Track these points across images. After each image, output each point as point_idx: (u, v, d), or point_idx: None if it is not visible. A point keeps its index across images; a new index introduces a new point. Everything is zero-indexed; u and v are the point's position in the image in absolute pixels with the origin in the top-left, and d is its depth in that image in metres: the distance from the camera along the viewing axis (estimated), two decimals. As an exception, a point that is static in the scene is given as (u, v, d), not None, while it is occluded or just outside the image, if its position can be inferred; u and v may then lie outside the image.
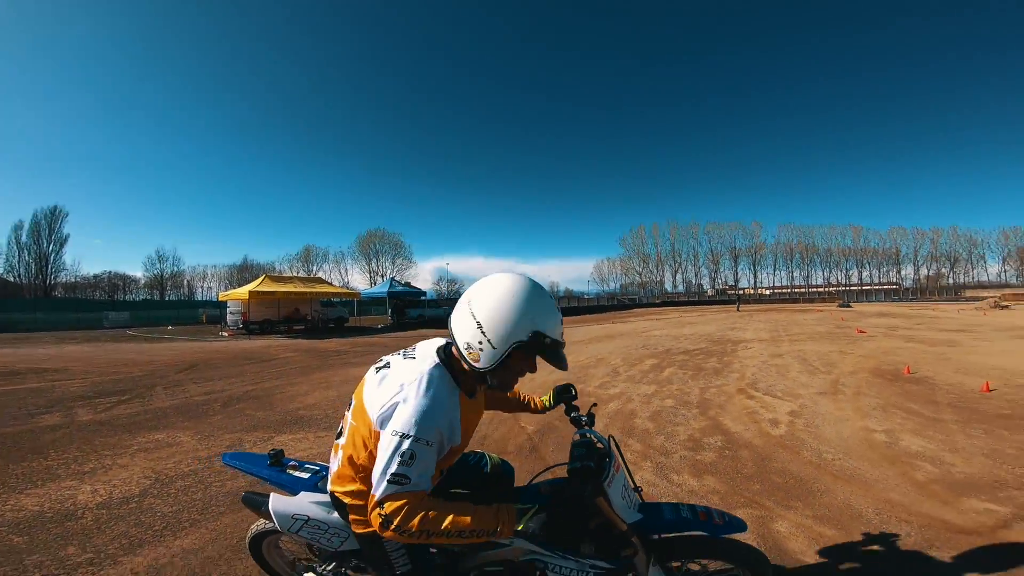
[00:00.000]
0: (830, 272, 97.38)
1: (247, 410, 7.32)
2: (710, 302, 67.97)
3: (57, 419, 6.52)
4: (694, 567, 2.49)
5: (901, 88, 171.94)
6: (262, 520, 2.50)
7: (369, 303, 40.79)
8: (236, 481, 4.39)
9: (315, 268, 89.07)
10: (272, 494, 2.28)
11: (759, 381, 9.52)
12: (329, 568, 2.49)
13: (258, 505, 2.32)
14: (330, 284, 35.59)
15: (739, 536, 2.25)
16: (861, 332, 19.04)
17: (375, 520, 1.53)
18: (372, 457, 1.65)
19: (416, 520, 1.49)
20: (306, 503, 2.20)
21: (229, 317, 26.77)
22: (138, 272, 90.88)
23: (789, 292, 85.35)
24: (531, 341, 1.56)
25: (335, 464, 1.96)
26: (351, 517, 1.91)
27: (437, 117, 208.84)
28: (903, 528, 3.48)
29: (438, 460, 1.64)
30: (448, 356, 1.75)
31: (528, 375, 1.76)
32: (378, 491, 1.51)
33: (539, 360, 1.72)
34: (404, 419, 1.53)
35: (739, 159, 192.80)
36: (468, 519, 1.54)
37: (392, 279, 38.20)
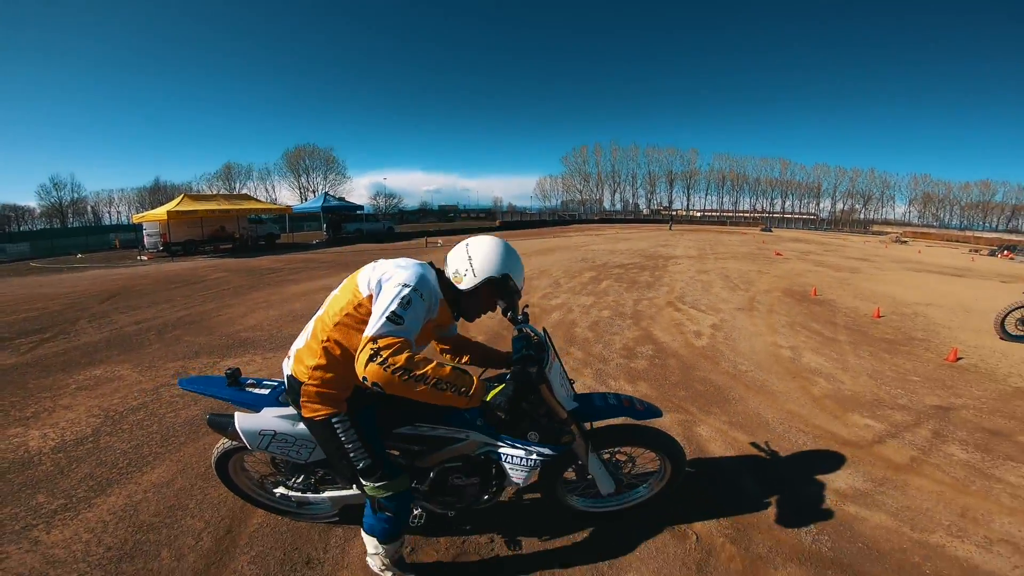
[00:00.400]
0: (757, 200, 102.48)
1: (185, 337, 6.95)
2: (645, 221, 69.75)
3: None
4: (622, 457, 2.84)
5: (840, 37, 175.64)
6: (223, 441, 2.52)
7: (302, 219, 38.88)
8: (189, 409, 4.31)
9: (239, 186, 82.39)
10: (237, 413, 2.30)
11: (686, 295, 10.18)
12: (298, 481, 2.57)
13: (224, 426, 2.34)
14: (258, 200, 32.82)
15: (657, 424, 2.52)
16: (778, 255, 20.43)
17: (363, 356, 1.67)
18: (348, 324, 1.91)
19: (402, 357, 1.67)
20: (271, 418, 2.25)
21: (147, 240, 24.41)
22: (31, 202, 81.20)
23: (718, 215, 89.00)
24: (500, 279, 2.03)
25: (300, 341, 2.09)
26: (302, 401, 1.99)
27: (372, 29, 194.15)
28: (800, 438, 4.00)
29: (420, 329, 1.87)
30: (439, 272, 2.12)
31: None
32: (373, 329, 1.72)
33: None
34: (404, 276, 1.84)
35: (682, 88, 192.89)
36: (448, 370, 1.77)
37: (326, 194, 35.67)
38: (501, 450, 2.31)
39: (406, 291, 1.79)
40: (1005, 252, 31.19)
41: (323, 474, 2.58)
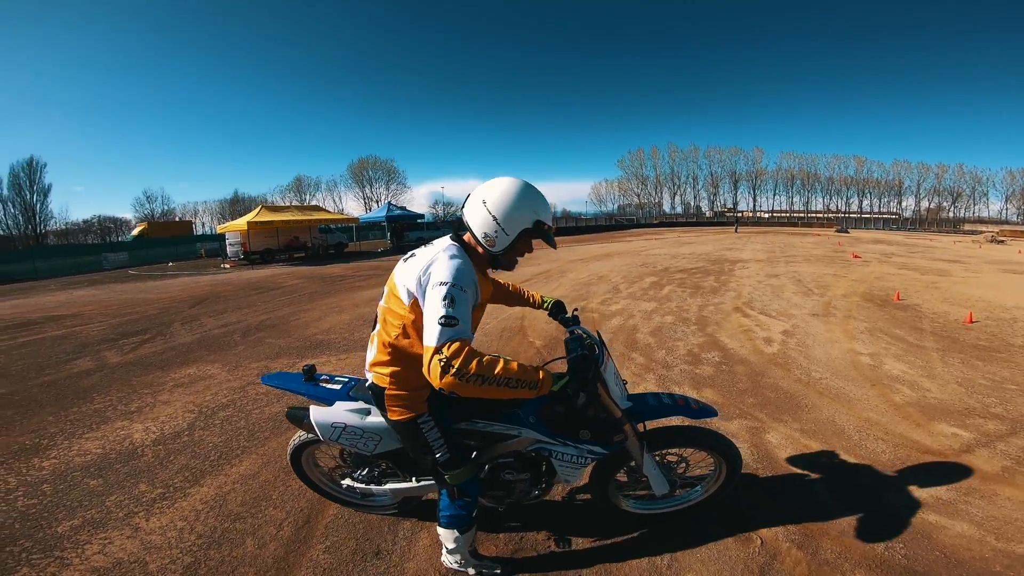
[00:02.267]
0: (830, 199, 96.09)
1: (266, 339, 7.42)
2: (708, 224, 67.33)
3: (89, 364, 6.42)
4: (672, 458, 2.78)
5: (914, 24, 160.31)
6: (298, 435, 2.73)
7: (367, 228, 40.20)
8: (272, 406, 4.62)
9: (308, 197, 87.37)
10: (312, 407, 2.47)
11: (755, 300, 9.75)
12: (363, 473, 2.73)
13: (300, 419, 2.54)
14: (327, 211, 34.57)
15: (711, 423, 2.46)
16: (856, 257, 19.10)
17: (435, 369, 1.66)
18: (404, 333, 1.97)
19: (473, 364, 1.67)
20: (342, 411, 2.41)
21: (229, 249, 25.99)
22: (127, 214, 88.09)
23: (788, 216, 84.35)
24: (534, 227, 1.96)
25: (371, 354, 2.17)
26: (388, 405, 2.10)
27: (429, 41, 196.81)
28: (879, 445, 3.76)
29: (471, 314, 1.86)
30: (461, 242, 2.05)
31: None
32: (432, 339, 1.69)
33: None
34: (440, 273, 1.79)
35: (742, 88, 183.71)
36: (515, 366, 1.77)
37: (389, 203, 37.49)
38: (553, 447, 2.35)
39: (446, 290, 1.74)
40: (1122, 250, 27.66)
41: (385, 467, 2.72)
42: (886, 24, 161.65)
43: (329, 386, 2.58)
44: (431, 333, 1.70)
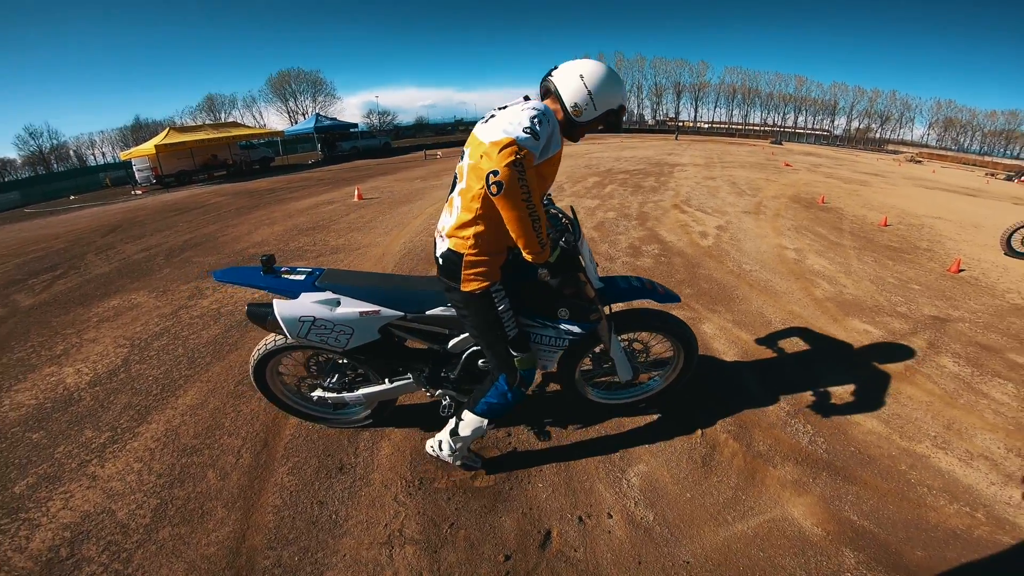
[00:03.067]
0: (768, 114, 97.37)
1: (194, 258, 6.74)
2: (650, 131, 66.88)
3: None
4: (638, 346, 2.77)
5: None
6: (261, 343, 2.43)
7: (294, 141, 36.82)
8: (210, 329, 4.20)
9: (224, 116, 76.49)
10: (275, 300, 2.18)
11: (692, 199, 9.88)
12: (334, 381, 2.51)
13: (263, 316, 2.23)
14: (247, 127, 31.60)
15: (671, 310, 2.41)
16: (788, 165, 19.65)
17: (506, 155, 1.63)
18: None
19: (528, 175, 1.68)
20: (309, 304, 2.14)
21: (138, 175, 23.55)
22: (11, 154, 75.51)
23: (727, 127, 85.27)
24: (619, 109, 1.97)
25: (449, 220, 2.01)
26: (465, 273, 1.96)
27: None
28: (801, 338, 3.93)
29: (548, 162, 1.89)
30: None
31: None
32: (517, 132, 1.68)
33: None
34: (531, 112, 1.74)
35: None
36: (540, 219, 1.78)
37: (318, 114, 33.89)
38: (533, 330, 2.27)
39: (538, 113, 1.74)
40: (1021, 178, 30.21)
41: (357, 373, 2.55)
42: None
43: (292, 277, 2.26)
44: (512, 129, 1.69)
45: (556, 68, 1.98)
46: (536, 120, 1.72)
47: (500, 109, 1.95)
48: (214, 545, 2.11)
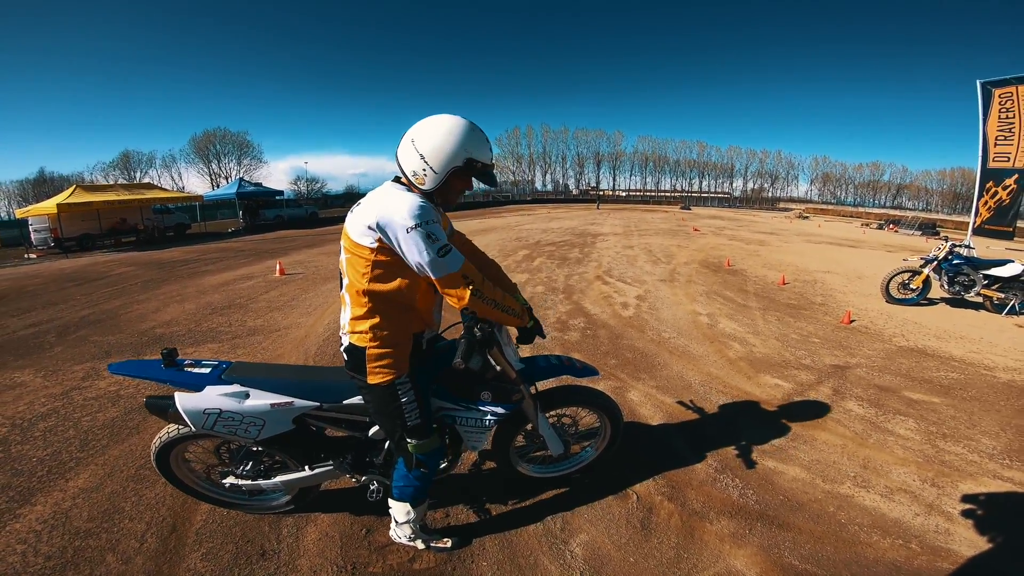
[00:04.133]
0: (677, 180, 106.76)
1: (91, 336, 6.01)
2: (575, 200, 70.74)
3: None
4: (567, 420, 2.83)
5: (754, 28, 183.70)
6: (162, 433, 2.27)
7: (214, 207, 34.61)
8: (107, 411, 3.82)
9: (140, 175, 71.48)
10: (177, 393, 2.06)
11: (613, 269, 10.31)
12: (247, 468, 2.35)
13: (164, 408, 2.10)
14: (163, 189, 29.29)
15: (593, 383, 2.43)
16: (696, 230, 21.16)
17: (457, 289, 1.74)
18: (374, 272, 1.78)
19: (486, 285, 1.79)
20: (215, 396, 2.04)
21: (34, 236, 20.67)
22: None
23: (642, 194, 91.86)
24: (465, 166, 1.78)
25: (346, 315, 1.94)
26: (371, 367, 1.89)
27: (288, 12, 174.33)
28: (720, 397, 4.10)
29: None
30: (399, 180, 1.90)
31: None
32: (443, 271, 1.71)
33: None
34: (403, 216, 1.66)
35: (609, 74, 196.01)
36: (507, 299, 1.94)
37: (241, 179, 32.30)
38: (456, 413, 2.26)
39: (421, 230, 1.66)
40: (891, 225, 34.39)
41: (274, 459, 2.39)
42: (732, 25, 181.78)
43: (196, 370, 2.14)
44: (437, 267, 1.70)
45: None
46: (430, 238, 1.68)
47: (372, 192, 1.89)
48: None
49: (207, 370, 2.15)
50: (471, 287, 1.75)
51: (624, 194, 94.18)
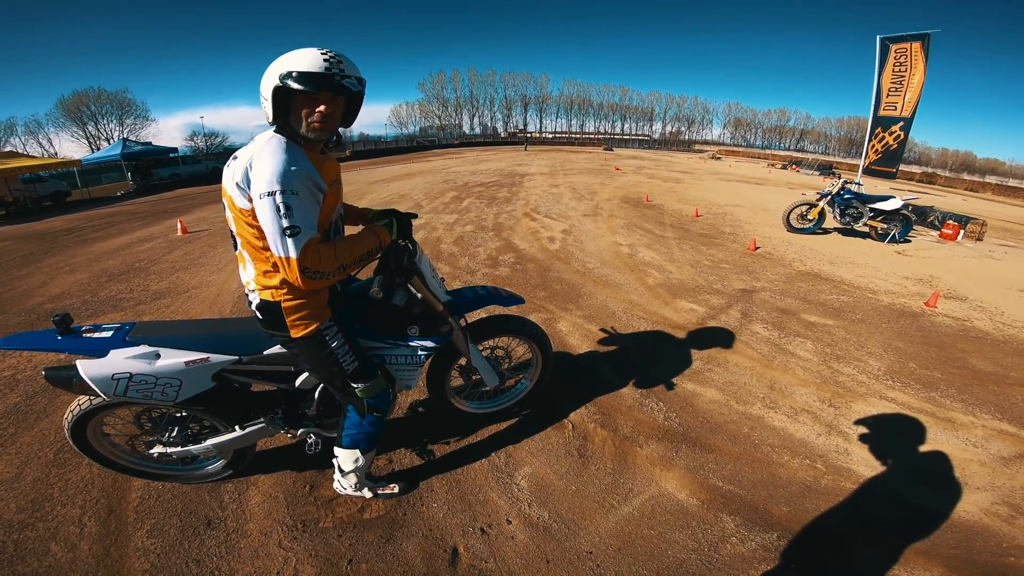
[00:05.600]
0: (600, 122, 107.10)
1: None
2: (503, 143, 69.02)
3: None
4: (500, 353, 2.75)
5: None
6: (73, 404, 1.99)
7: (97, 171, 30.21)
8: (7, 398, 3.26)
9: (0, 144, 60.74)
10: (79, 361, 1.78)
11: (540, 206, 10.25)
12: (174, 435, 2.12)
13: (67, 379, 1.81)
14: (30, 157, 24.86)
15: (521, 312, 2.44)
16: (618, 169, 21.42)
17: (296, 277, 1.53)
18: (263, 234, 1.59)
19: (331, 258, 1.58)
20: (121, 360, 1.79)
21: None
22: None
23: (567, 136, 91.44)
24: (282, 81, 1.53)
25: (248, 272, 1.76)
26: (290, 321, 1.76)
27: None
28: (641, 323, 4.20)
29: (321, 207, 1.63)
30: (282, 127, 1.66)
31: None
32: (284, 251, 1.51)
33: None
34: (263, 180, 1.49)
35: (538, 14, 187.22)
36: (361, 244, 1.71)
37: (125, 139, 28.22)
38: (385, 351, 2.11)
39: (277, 199, 1.47)
40: (793, 166, 36.85)
41: (201, 423, 2.18)
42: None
43: (96, 335, 1.85)
44: (277, 245, 1.52)
45: None
46: (284, 209, 1.49)
47: (249, 143, 1.68)
48: None
49: (108, 333, 1.89)
50: (313, 276, 1.54)
51: (551, 136, 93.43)
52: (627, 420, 2.87)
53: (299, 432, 2.21)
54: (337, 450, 2.09)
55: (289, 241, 1.50)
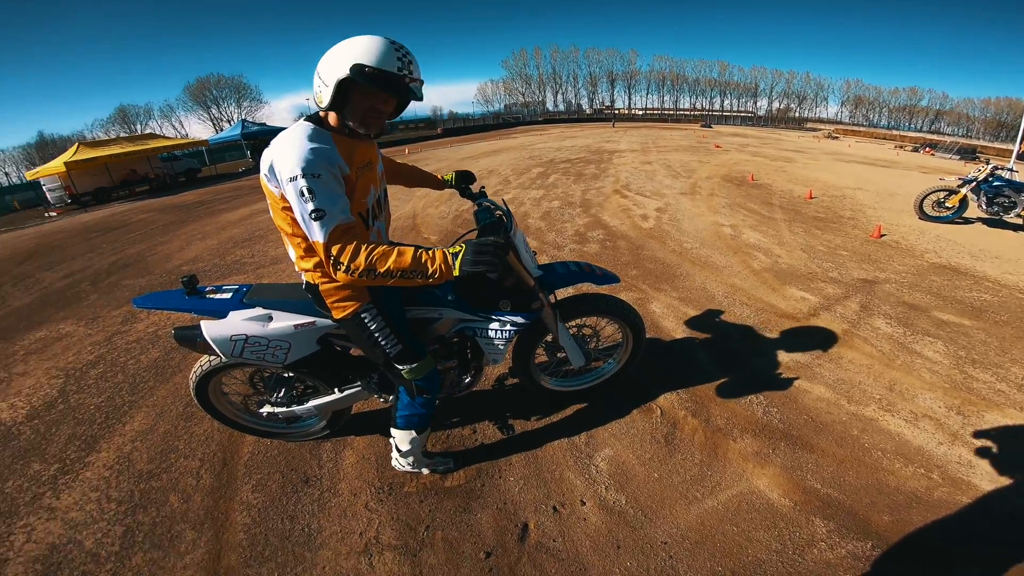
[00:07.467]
0: (696, 99, 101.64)
1: (122, 281, 6.12)
2: (588, 120, 67.77)
3: None
4: (587, 331, 2.70)
5: None
6: (197, 366, 2.24)
7: (221, 150, 34.49)
8: (148, 353, 3.85)
9: (140, 128, 71.02)
10: (203, 322, 2.01)
11: (632, 183, 9.94)
12: (281, 396, 2.35)
13: (192, 339, 2.04)
14: (166, 138, 28.83)
15: (614, 291, 2.31)
16: (718, 147, 20.19)
17: (330, 265, 1.55)
18: (291, 219, 1.68)
19: (361, 258, 1.51)
20: (239, 321, 1.99)
21: (50, 195, 20.93)
22: None
23: (659, 113, 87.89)
24: (353, 73, 1.51)
25: (292, 255, 1.85)
26: (329, 303, 1.85)
27: None
28: (744, 310, 3.96)
29: (346, 190, 1.63)
30: (315, 116, 1.73)
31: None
32: (312, 235, 1.54)
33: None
34: (286, 166, 1.52)
35: None
36: (408, 258, 1.54)
37: (244, 120, 31.71)
38: (475, 324, 2.18)
39: (299, 183, 1.50)
40: (927, 149, 32.90)
41: (305, 385, 2.39)
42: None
43: (218, 296, 2.08)
44: (307, 229, 1.55)
45: None
46: (307, 194, 1.50)
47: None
48: (191, 568, 2.01)
49: (228, 295, 2.10)
50: (342, 269, 1.52)
51: (640, 113, 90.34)
52: (721, 411, 2.73)
53: (390, 398, 2.34)
54: (393, 431, 2.18)
55: (315, 225, 1.51)
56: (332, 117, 1.68)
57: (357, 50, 1.51)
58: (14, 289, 6.66)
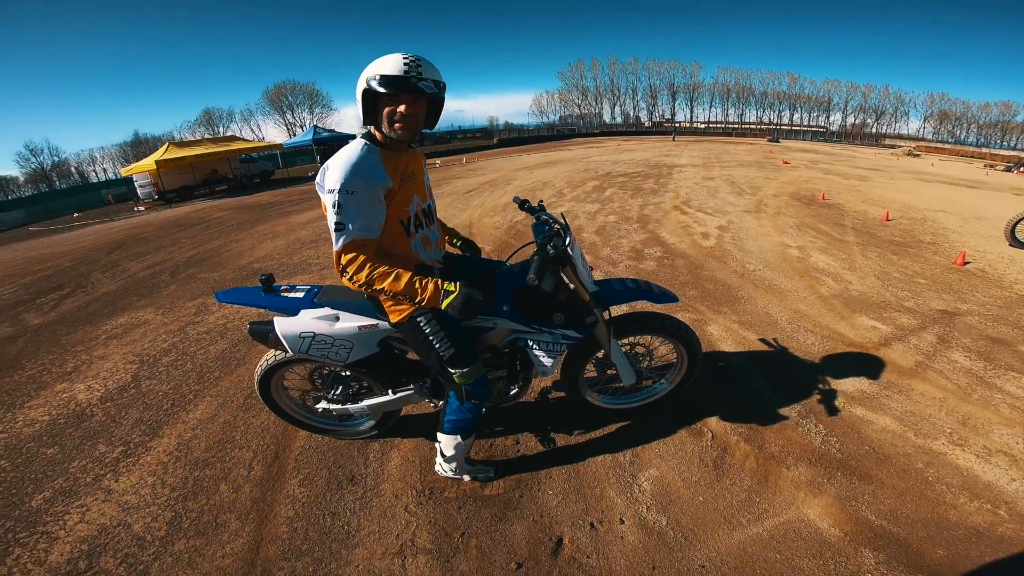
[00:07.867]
0: (763, 112, 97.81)
1: (199, 274, 6.73)
2: (647, 133, 66.86)
3: (8, 330, 5.42)
4: (640, 350, 2.71)
5: None
6: (264, 358, 2.43)
7: (294, 154, 36.93)
8: (216, 344, 4.21)
9: (222, 130, 77.89)
10: (276, 318, 2.20)
11: (692, 200, 9.78)
12: (337, 393, 2.50)
13: (265, 333, 2.24)
14: (245, 140, 31.65)
15: (671, 310, 2.32)
16: (786, 163, 19.47)
17: (339, 274, 1.79)
18: None
19: (363, 273, 1.74)
20: (308, 320, 2.15)
21: (140, 191, 23.70)
22: (13, 171, 75.50)
23: (723, 126, 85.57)
24: (370, 87, 1.73)
25: None
26: (387, 308, 2.00)
27: None
28: (808, 337, 3.83)
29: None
30: (369, 133, 1.92)
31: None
32: (334, 243, 1.77)
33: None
34: (329, 180, 1.73)
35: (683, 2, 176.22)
36: (403, 282, 1.76)
37: (315, 127, 33.71)
38: (529, 336, 2.23)
39: (334, 197, 1.71)
40: (1021, 168, 30.19)
41: (360, 384, 2.54)
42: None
43: (291, 295, 2.29)
44: (334, 237, 1.77)
45: None
46: (336, 208, 1.71)
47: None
48: (229, 557, 2.11)
49: (301, 294, 2.28)
50: (347, 276, 1.77)
51: (703, 126, 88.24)
52: (777, 438, 2.67)
53: (440, 403, 2.42)
54: (439, 435, 2.26)
55: (335, 235, 1.74)
56: (378, 133, 1.87)
57: (373, 66, 1.73)
58: (103, 276, 7.49)
